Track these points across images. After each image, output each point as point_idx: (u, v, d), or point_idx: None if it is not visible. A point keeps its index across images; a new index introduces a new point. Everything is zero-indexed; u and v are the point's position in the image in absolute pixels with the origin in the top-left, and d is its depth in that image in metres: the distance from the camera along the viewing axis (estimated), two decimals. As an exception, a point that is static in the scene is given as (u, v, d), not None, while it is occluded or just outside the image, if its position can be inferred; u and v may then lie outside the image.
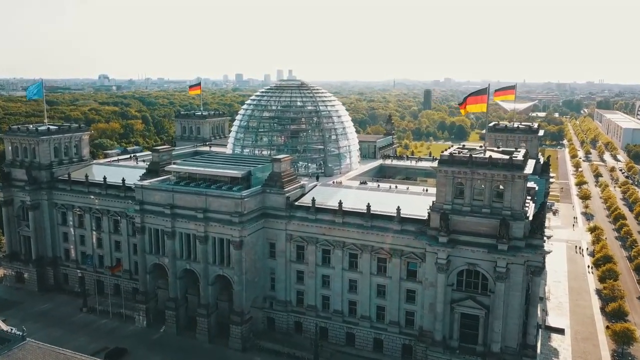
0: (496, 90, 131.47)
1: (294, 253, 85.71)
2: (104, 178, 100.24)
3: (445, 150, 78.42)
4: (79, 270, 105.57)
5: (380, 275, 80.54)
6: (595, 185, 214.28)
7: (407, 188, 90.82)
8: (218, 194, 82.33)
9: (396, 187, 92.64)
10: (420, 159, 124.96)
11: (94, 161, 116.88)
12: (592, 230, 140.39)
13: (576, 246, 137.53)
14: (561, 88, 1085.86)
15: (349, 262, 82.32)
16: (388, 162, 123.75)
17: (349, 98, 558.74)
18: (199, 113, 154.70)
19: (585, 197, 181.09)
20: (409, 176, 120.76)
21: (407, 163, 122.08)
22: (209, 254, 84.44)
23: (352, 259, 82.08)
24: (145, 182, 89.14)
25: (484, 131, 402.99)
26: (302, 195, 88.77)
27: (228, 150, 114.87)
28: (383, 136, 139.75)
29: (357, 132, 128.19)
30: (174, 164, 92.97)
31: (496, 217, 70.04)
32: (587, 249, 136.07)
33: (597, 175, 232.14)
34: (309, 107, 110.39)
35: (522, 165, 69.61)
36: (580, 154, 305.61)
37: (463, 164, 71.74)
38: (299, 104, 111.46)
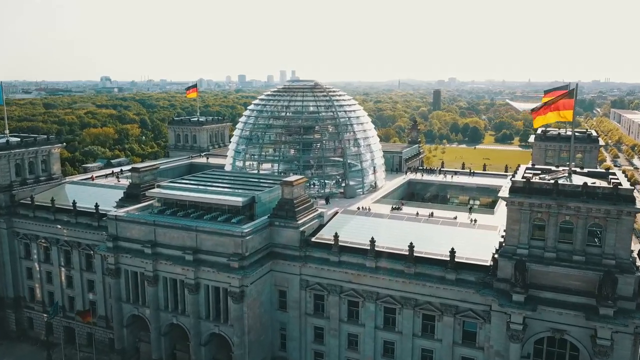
0: (546, 92, 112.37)
1: (310, 304, 66.32)
2: (73, 203, 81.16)
3: (515, 172, 59.02)
4: (45, 315, 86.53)
5: (426, 337, 61.01)
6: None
7: (455, 217, 71.11)
8: (211, 230, 63.08)
9: (432, 214, 72.52)
10: (455, 173, 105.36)
11: (67, 179, 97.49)
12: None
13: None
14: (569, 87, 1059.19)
15: (384, 318, 62.83)
16: (417, 176, 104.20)
17: (354, 99, 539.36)
18: (195, 119, 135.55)
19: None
20: (442, 193, 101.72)
21: (440, 178, 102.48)
22: (201, 307, 65.26)
23: (389, 314, 62.57)
24: (121, 212, 69.96)
25: (499, 134, 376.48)
26: (321, 226, 69.46)
27: (227, 165, 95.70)
28: (408, 145, 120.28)
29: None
30: (158, 186, 73.77)
31: (595, 268, 50.63)
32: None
33: (634, 182, 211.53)
34: (325, 113, 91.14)
35: (631, 196, 50.16)
36: (608, 158, 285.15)
37: (546, 193, 52.25)
38: (311, 109, 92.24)
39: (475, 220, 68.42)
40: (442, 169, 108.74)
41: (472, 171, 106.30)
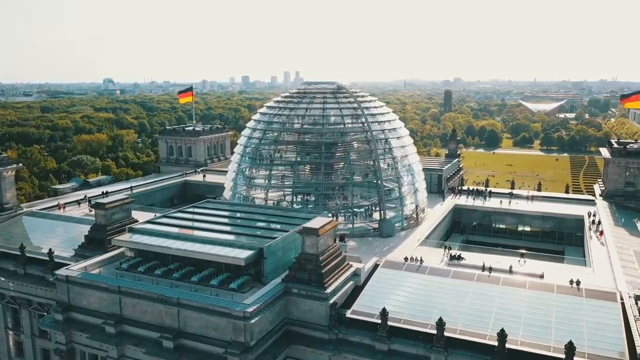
0: (623, 97, 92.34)
1: (345, 408, 45.94)
2: (21, 247, 60.99)
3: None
4: (-10, 390, 66.77)
5: None
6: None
7: (541, 275, 50.51)
8: (200, 306, 42.89)
9: (511, 269, 52.13)
10: (511, 195, 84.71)
11: (24, 209, 76.96)
12: None
13: None
14: (578, 86, 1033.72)
15: None
16: (463, 201, 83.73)
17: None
18: (191, 128, 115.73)
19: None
20: (498, 224, 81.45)
21: (494, 203, 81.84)
22: (187, 413, 45.03)
23: None
24: (74, 270, 49.81)
25: (518, 137, 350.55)
26: (357, 289, 49.10)
27: (226, 190, 75.84)
28: (446, 159, 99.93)
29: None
30: (130, 230, 53.57)
31: None
32: None
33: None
34: (352, 125, 71.04)
35: None
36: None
37: None
38: (333, 119, 72.17)
39: (579, 282, 47.77)
40: (492, 191, 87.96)
41: (530, 195, 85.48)
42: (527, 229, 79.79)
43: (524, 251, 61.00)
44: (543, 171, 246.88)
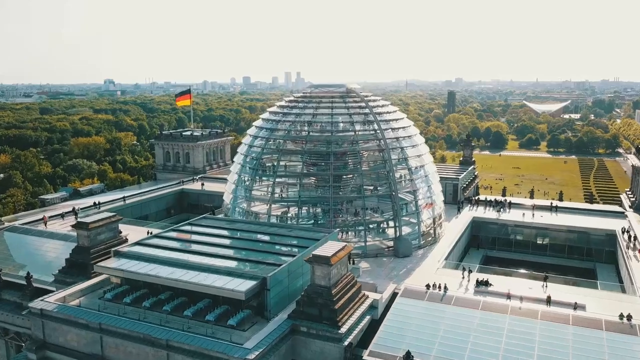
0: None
1: None
2: (-3, 271, 55.01)
3: None
4: None
5: None
6: None
7: (575, 306, 43.96)
8: (194, 349, 36.67)
9: (549, 299, 45.72)
10: (534, 209, 78.01)
11: (5, 223, 70.66)
12: None
13: None
14: (581, 87, 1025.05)
15: None
16: (481, 213, 77.33)
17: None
18: (189, 133, 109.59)
19: None
20: (518, 237, 75.05)
21: (515, 215, 75.39)
22: None
23: None
24: (51, 301, 43.62)
25: (524, 139, 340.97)
26: (374, 324, 42.84)
27: (225, 202, 69.48)
28: (460, 167, 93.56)
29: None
30: (117, 254, 47.40)
31: None
32: None
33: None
34: (363, 132, 64.61)
35: None
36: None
37: None
38: (342, 126, 65.89)
39: (630, 317, 41.45)
40: (511, 202, 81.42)
41: (554, 205, 79.09)
42: (552, 243, 73.43)
43: (546, 274, 53.99)
44: (552, 174, 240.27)
